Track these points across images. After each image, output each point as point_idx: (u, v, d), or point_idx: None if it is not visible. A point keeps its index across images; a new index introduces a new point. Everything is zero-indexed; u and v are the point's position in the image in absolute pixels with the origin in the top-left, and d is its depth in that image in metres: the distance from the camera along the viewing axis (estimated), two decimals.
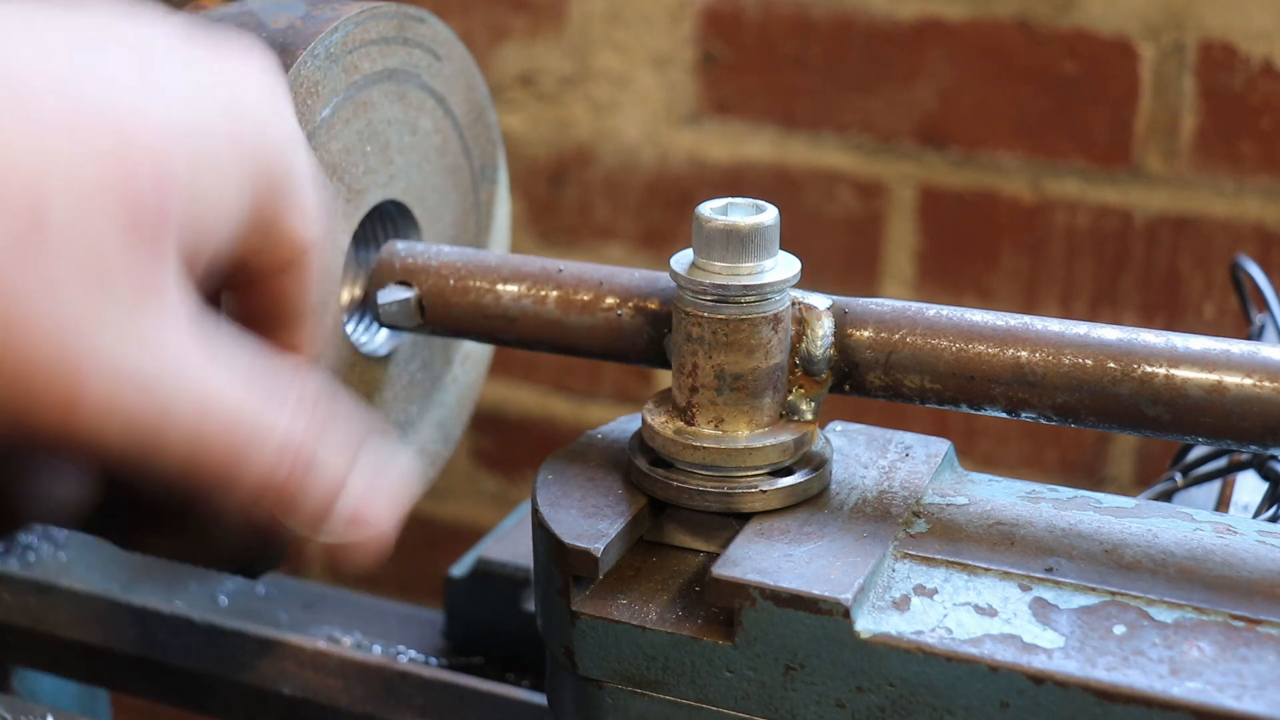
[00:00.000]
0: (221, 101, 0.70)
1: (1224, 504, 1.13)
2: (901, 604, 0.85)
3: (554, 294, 1.05)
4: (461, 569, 1.34)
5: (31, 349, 0.61)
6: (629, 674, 0.89)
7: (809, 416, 0.96)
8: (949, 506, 0.94)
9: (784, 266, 0.94)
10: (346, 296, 1.12)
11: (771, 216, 0.94)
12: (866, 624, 0.83)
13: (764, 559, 0.87)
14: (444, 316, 1.09)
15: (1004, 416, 0.94)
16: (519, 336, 1.07)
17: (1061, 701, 0.79)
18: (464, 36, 1.23)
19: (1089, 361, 0.91)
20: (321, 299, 0.79)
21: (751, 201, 0.94)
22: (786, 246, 0.96)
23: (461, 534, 2.15)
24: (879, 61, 1.79)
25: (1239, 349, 0.89)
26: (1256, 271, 1.33)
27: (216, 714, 1.34)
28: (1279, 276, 1.50)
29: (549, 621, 0.92)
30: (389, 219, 1.15)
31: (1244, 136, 1.67)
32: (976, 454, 1.87)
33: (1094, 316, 1.77)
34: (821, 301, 0.97)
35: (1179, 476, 1.10)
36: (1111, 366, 0.90)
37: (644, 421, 0.97)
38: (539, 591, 0.94)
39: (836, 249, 1.86)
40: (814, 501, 0.94)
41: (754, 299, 0.93)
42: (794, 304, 0.96)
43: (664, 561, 0.94)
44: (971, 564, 0.88)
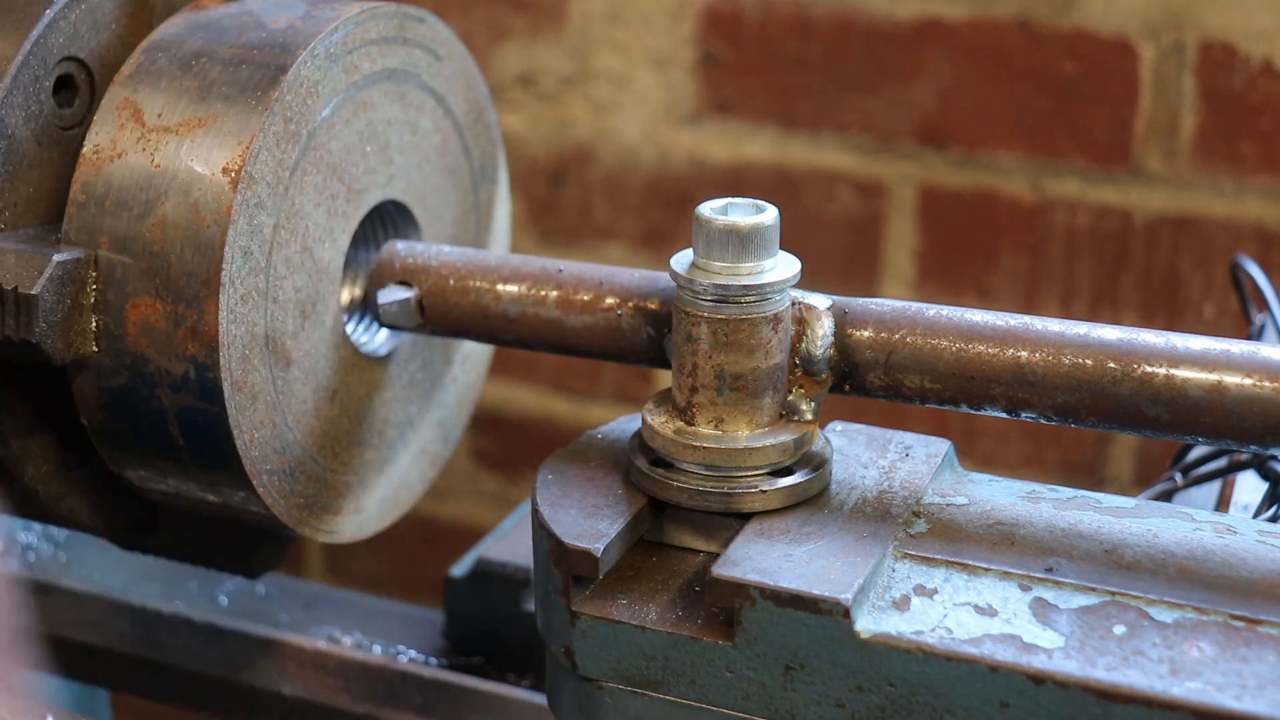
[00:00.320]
0: None
1: (1224, 504, 1.13)
2: (901, 604, 0.85)
3: (554, 294, 1.05)
4: (461, 569, 1.34)
5: None
6: (629, 674, 0.89)
7: (809, 416, 0.96)
8: (949, 506, 0.94)
9: (784, 266, 0.94)
10: (346, 296, 1.12)
11: (771, 216, 0.94)
12: (866, 624, 0.83)
13: (764, 559, 0.87)
14: (444, 316, 1.09)
15: (1004, 416, 0.94)
16: (519, 336, 1.07)
17: (1061, 701, 0.79)
18: (464, 36, 1.23)
19: (1089, 361, 0.91)
20: (322, 299, 0.78)
21: (751, 201, 0.94)
22: (786, 246, 0.96)
23: (461, 534, 2.15)
24: (879, 61, 1.79)
25: (1239, 349, 0.89)
26: (1256, 271, 1.33)
27: (216, 714, 1.34)
28: (1279, 276, 1.50)
29: (549, 621, 0.92)
30: (389, 219, 1.15)
31: (1244, 136, 1.67)
32: (976, 454, 1.87)
33: (1094, 316, 1.77)
34: (821, 301, 0.97)
35: (1179, 476, 1.10)
36: (1111, 366, 0.90)
37: (644, 421, 0.97)
38: (539, 591, 0.94)
39: (836, 249, 1.86)
40: (814, 501, 0.94)
41: (754, 299, 0.93)
42: (794, 304, 0.96)
43: (664, 561, 0.94)
44: (971, 564, 0.88)
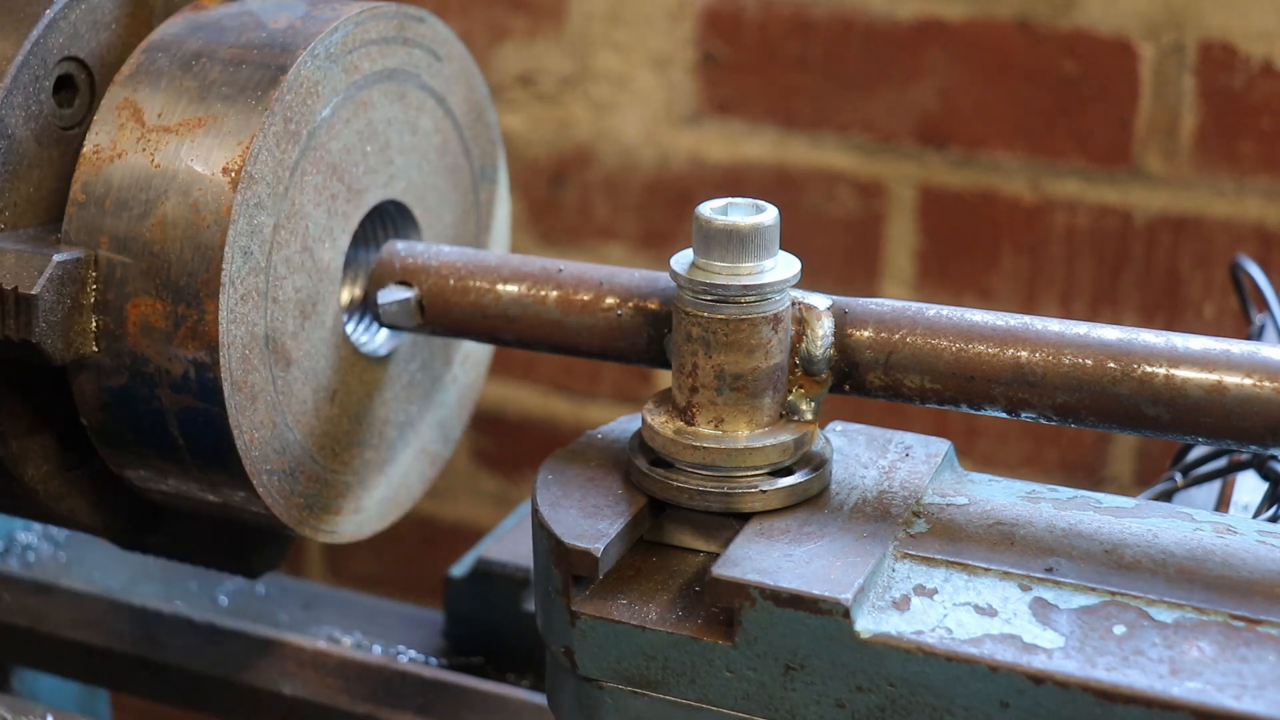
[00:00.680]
0: None
1: (1224, 504, 1.13)
2: (901, 604, 0.85)
3: (554, 294, 1.05)
4: (461, 569, 1.34)
5: None
6: (629, 674, 0.89)
7: (809, 416, 0.96)
8: (949, 506, 0.94)
9: (784, 266, 0.94)
10: (346, 296, 1.12)
11: (771, 216, 0.94)
12: (866, 624, 0.83)
13: (764, 559, 0.87)
14: (444, 316, 1.09)
15: (1004, 416, 0.94)
16: (519, 336, 1.07)
17: (1061, 701, 0.79)
18: (464, 36, 1.23)
19: (1089, 361, 0.91)
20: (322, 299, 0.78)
21: (751, 201, 0.94)
22: (786, 246, 0.96)
23: (461, 534, 2.15)
24: (879, 61, 1.79)
25: (1239, 349, 0.89)
26: (1256, 271, 1.33)
27: (216, 714, 1.34)
28: (1279, 276, 1.50)
29: (549, 621, 0.92)
30: (389, 219, 1.15)
31: (1244, 136, 1.67)
32: (976, 454, 1.87)
33: (1094, 316, 1.77)
34: (821, 301, 0.97)
35: (1179, 476, 1.10)
36: (1111, 366, 0.90)
37: (644, 421, 0.97)
38: (539, 591, 0.94)
39: (836, 249, 1.86)
40: (814, 501, 0.94)
41: (754, 299, 0.93)
42: (794, 304, 0.96)
43: (664, 561, 0.94)
44: (971, 564, 0.88)
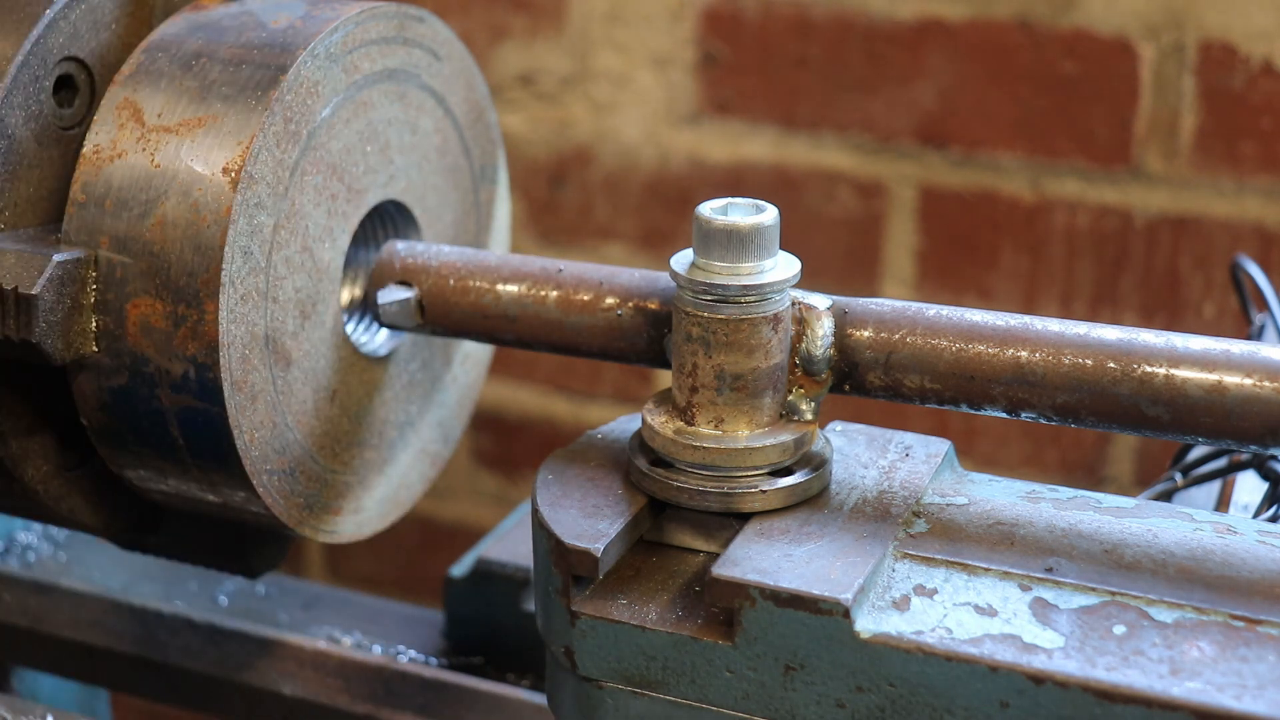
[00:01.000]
0: None
1: (1224, 504, 1.13)
2: (901, 604, 0.85)
3: (554, 294, 1.05)
4: (461, 569, 1.34)
5: None
6: (629, 674, 0.89)
7: (809, 416, 0.96)
8: (949, 506, 0.94)
9: (784, 266, 0.94)
10: (346, 296, 1.12)
11: (771, 216, 0.94)
12: (866, 624, 0.83)
13: (764, 559, 0.87)
14: (444, 316, 1.09)
15: (1004, 416, 0.94)
16: (519, 336, 1.07)
17: (1061, 701, 0.79)
18: (464, 36, 1.23)
19: (1089, 361, 0.91)
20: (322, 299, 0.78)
21: (751, 201, 0.94)
22: (786, 246, 0.96)
23: (461, 534, 2.15)
24: (879, 61, 1.79)
25: (1239, 349, 0.89)
26: (1256, 271, 1.33)
27: (216, 714, 1.34)
28: (1279, 276, 1.50)
29: (549, 621, 0.92)
30: (389, 219, 1.15)
31: (1244, 136, 1.67)
32: (976, 454, 1.87)
33: (1094, 316, 1.77)
34: (821, 301, 0.97)
35: (1179, 476, 1.10)
36: (1111, 366, 0.90)
37: (644, 421, 0.97)
38: (539, 591, 0.94)
39: (836, 249, 1.86)
40: (814, 501, 0.94)
41: (754, 299, 0.93)
42: (794, 304, 0.96)
43: (664, 561, 0.94)
44: (971, 564, 0.88)
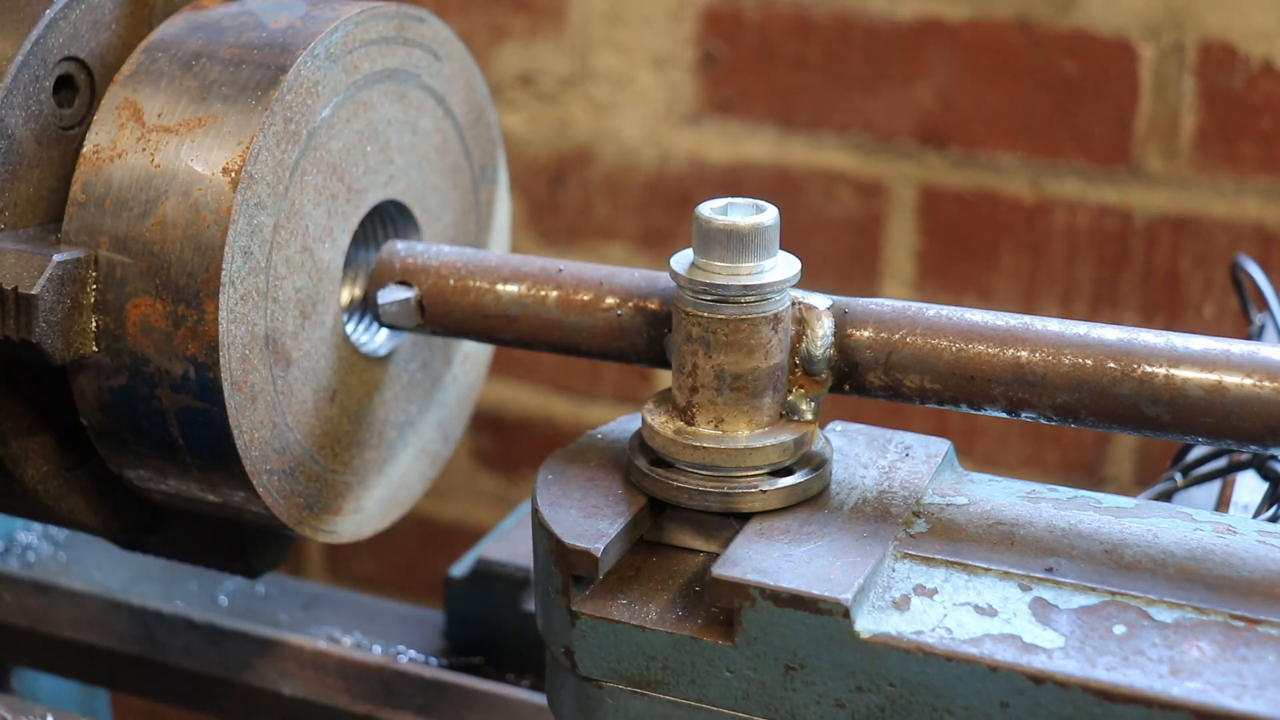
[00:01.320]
0: None
1: (1224, 504, 1.13)
2: (901, 604, 0.85)
3: (554, 294, 1.05)
4: (461, 569, 1.34)
5: None
6: (629, 674, 0.89)
7: (809, 416, 0.96)
8: (949, 506, 0.94)
9: (784, 266, 0.94)
10: (346, 296, 1.12)
11: (771, 216, 0.94)
12: (866, 624, 0.83)
13: (764, 559, 0.87)
14: (444, 316, 1.09)
15: (1004, 416, 0.94)
16: (519, 336, 1.07)
17: (1061, 701, 0.79)
18: (464, 36, 1.23)
19: (1089, 361, 0.91)
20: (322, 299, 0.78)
21: (751, 201, 0.94)
22: (786, 246, 0.96)
23: (461, 534, 2.15)
24: (879, 61, 1.79)
25: (1239, 349, 0.89)
26: (1256, 271, 1.33)
27: (216, 714, 1.34)
28: (1279, 276, 1.50)
29: (549, 621, 0.92)
30: (389, 219, 1.15)
31: (1244, 136, 1.67)
32: (976, 454, 1.87)
33: (1094, 316, 1.77)
34: (821, 301, 0.97)
35: (1179, 476, 1.10)
36: (1111, 366, 0.90)
37: (644, 421, 0.97)
38: (539, 591, 0.94)
39: (836, 249, 1.86)
40: (814, 501, 0.94)
41: (754, 299, 0.93)
42: (794, 304, 0.96)
43: (664, 561, 0.94)
44: (971, 564, 0.88)
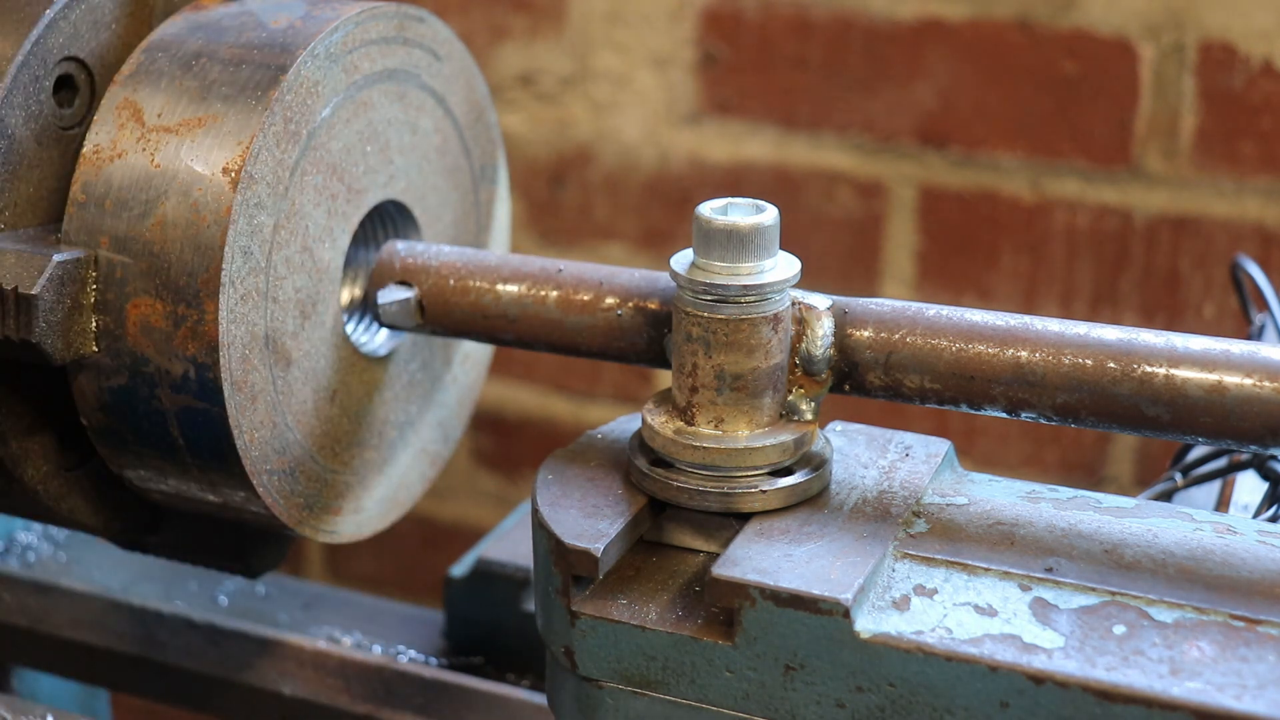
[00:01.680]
0: None
1: (1224, 504, 1.13)
2: (901, 604, 0.85)
3: (554, 294, 1.05)
4: (461, 569, 1.34)
5: None
6: (629, 674, 0.89)
7: (809, 416, 0.96)
8: (949, 506, 0.94)
9: (784, 266, 0.94)
10: (346, 296, 1.12)
11: (771, 216, 0.94)
12: (866, 624, 0.83)
13: (764, 559, 0.87)
14: (444, 316, 1.09)
15: (1004, 416, 0.94)
16: (519, 336, 1.07)
17: (1061, 701, 0.79)
18: (464, 36, 1.23)
19: (1089, 361, 0.91)
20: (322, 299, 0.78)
21: (751, 201, 0.94)
22: (786, 246, 0.96)
23: (461, 534, 2.15)
24: (879, 61, 1.79)
25: (1239, 349, 0.89)
26: (1256, 271, 1.33)
27: (216, 714, 1.34)
28: (1279, 276, 1.50)
29: (549, 621, 0.92)
30: (389, 219, 1.15)
31: (1244, 136, 1.67)
32: (976, 454, 1.87)
33: (1094, 316, 1.77)
34: (821, 301, 0.97)
35: (1179, 476, 1.10)
36: (1111, 366, 0.90)
37: (644, 421, 0.96)
38: (539, 591, 0.94)
39: (836, 249, 1.86)
40: (814, 501, 0.94)
41: (754, 299, 0.93)
42: (794, 304, 0.96)
43: (664, 561, 0.94)
44: (971, 564, 0.88)
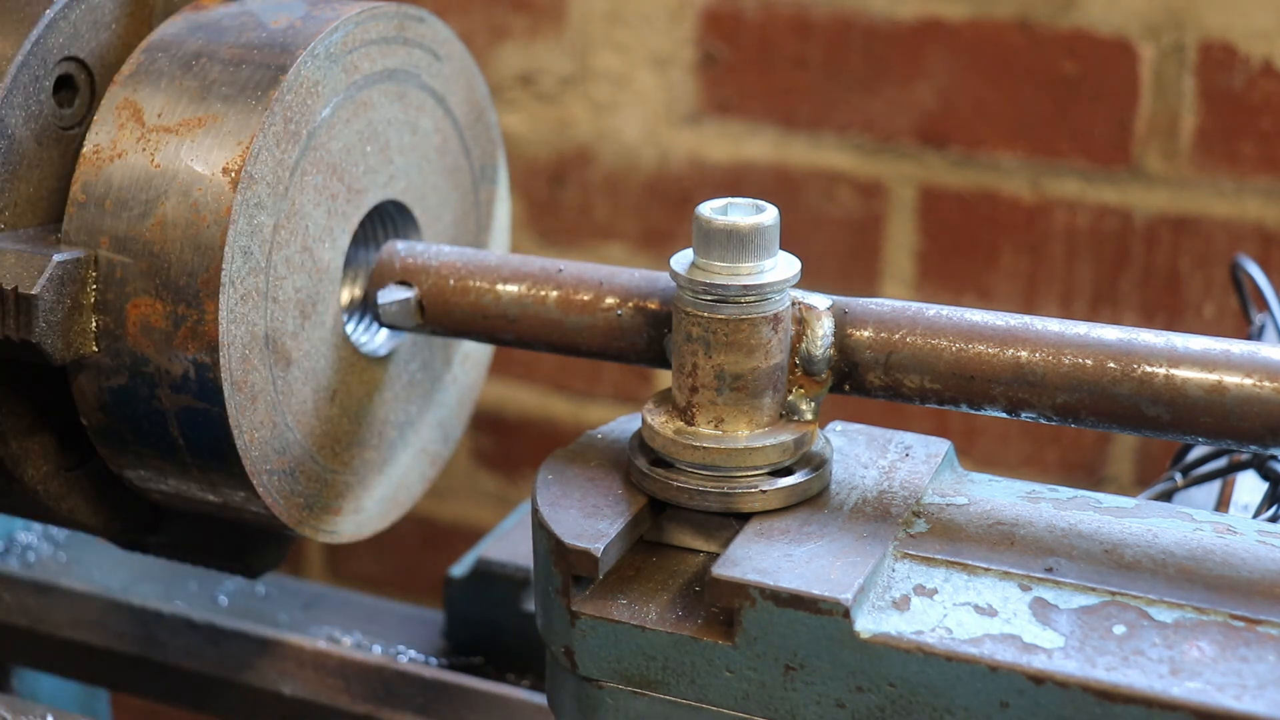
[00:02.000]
0: None
1: (1224, 504, 1.13)
2: (901, 604, 0.85)
3: (554, 294, 1.05)
4: (461, 569, 1.34)
5: None
6: (629, 674, 0.89)
7: (809, 416, 0.96)
8: (949, 506, 0.94)
9: (784, 266, 0.94)
10: (346, 296, 1.12)
11: (771, 216, 0.94)
12: (866, 624, 0.83)
13: (764, 559, 0.87)
14: (444, 316, 1.09)
15: (1004, 416, 0.94)
16: (519, 336, 1.07)
17: (1061, 701, 0.79)
18: (464, 36, 1.23)
19: (1089, 361, 0.91)
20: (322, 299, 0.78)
21: (751, 201, 0.94)
22: (786, 246, 0.96)
23: (461, 534, 2.15)
24: (879, 61, 1.79)
25: (1239, 349, 0.89)
26: (1256, 271, 1.33)
27: (216, 714, 1.34)
28: (1279, 276, 1.50)
29: (549, 621, 0.92)
30: (389, 219, 1.15)
31: (1244, 136, 1.67)
32: (976, 454, 1.87)
33: (1094, 316, 1.77)
34: (821, 301, 0.97)
35: (1179, 476, 1.10)
36: (1111, 366, 0.90)
37: (644, 421, 0.96)
38: (539, 591, 0.94)
39: (836, 249, 1.86)
40: (814, 501, 0.94)
41: (754, 299, 0.93)
42: (794, 304, 0.96)
43: (664, 561, 0.94)
44: (971, 564, 0.88)
